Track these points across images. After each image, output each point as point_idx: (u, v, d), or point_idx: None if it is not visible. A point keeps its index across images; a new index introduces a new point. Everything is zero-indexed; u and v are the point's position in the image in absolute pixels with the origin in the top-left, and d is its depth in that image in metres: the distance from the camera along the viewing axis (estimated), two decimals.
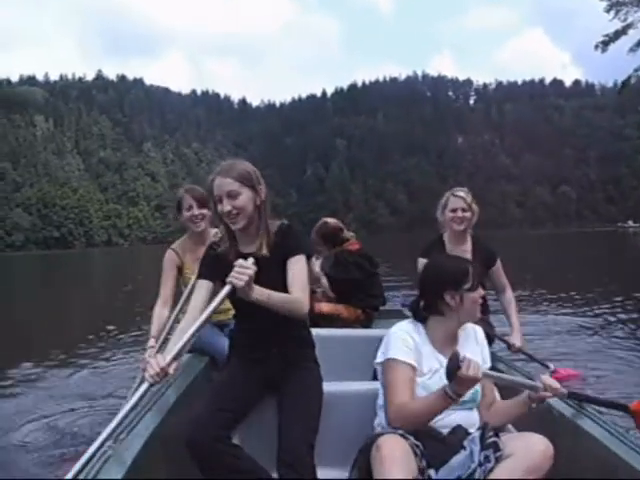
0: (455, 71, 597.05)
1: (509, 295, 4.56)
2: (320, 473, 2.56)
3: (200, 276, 2.85)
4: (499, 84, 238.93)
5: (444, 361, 2.50)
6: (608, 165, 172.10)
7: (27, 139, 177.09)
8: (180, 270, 4.27)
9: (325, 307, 5.27)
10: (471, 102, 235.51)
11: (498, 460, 2.29)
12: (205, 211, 4.16)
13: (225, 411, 2.64)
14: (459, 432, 2.51)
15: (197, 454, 2.48)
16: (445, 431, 2.52)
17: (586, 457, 2.53)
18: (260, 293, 2.52)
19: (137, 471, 2.21)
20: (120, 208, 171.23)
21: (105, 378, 6.88)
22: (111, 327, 10.34)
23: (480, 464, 2.30)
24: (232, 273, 2.44)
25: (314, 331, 3.04)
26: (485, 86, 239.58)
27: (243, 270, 2.41)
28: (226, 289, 2.47)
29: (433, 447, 2.39)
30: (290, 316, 2.65)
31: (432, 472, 2.32)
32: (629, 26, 31.41)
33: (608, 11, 31.61)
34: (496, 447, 2.32)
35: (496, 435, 2.39)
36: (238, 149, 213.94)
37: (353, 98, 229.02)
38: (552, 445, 2.29)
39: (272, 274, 2.67)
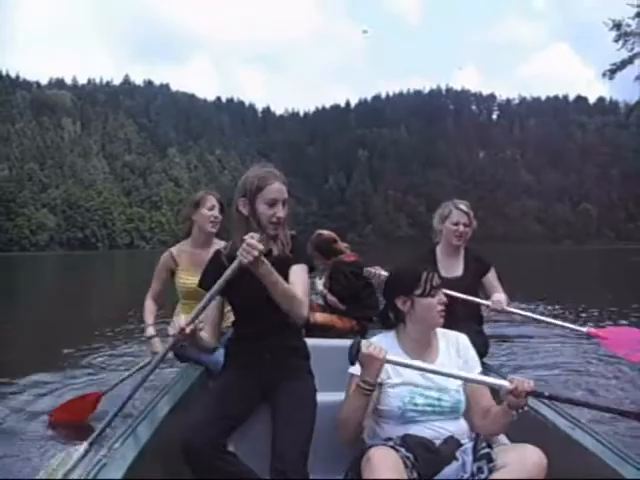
0: (479, 85, 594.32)
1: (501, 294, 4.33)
2: None
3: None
4: (522, 99, 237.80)
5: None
6: (630, 183, 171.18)
7: (54, 141, 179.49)
8: (173, 272, 4.44)
9: (319, 317, 5.36)
10: (494, 117, 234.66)
11: (491, 471, 2.28)
12: (221, 217, 4.38)
13: (220, 419, 2.68)
14: (451, 443, 2.50)
15: (193, 461, 2.52)
16: (437, 442, 2.50)
17: (579, 469, 2.53)
18: (270, 271, 2.60)
19: (132, 479, 2.21)
20: (143, 212, 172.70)
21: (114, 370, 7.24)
22: (131, 326, 10.43)
23: (473, 475, 2.30)
24: (240, 250, 2.52)
25: (309, 341, 3.11)
26: (508, 101, 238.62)
27: (251, 249, 2.48)
28: (234, 265, 2.57)
29: (425, 458, 2.37)
30: (290, 313, 2.70)
31: None
32: (635, 56, 32.42)
33: (617, 41, 32.64)
34: (489, 458, 2.32)
35: (489, 446, 2.40)
36: (261, 157, 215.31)
37: (376, 109, 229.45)
38: (545, 456, 2.27)
39: None
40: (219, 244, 4.09)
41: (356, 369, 2.59)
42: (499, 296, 4.17)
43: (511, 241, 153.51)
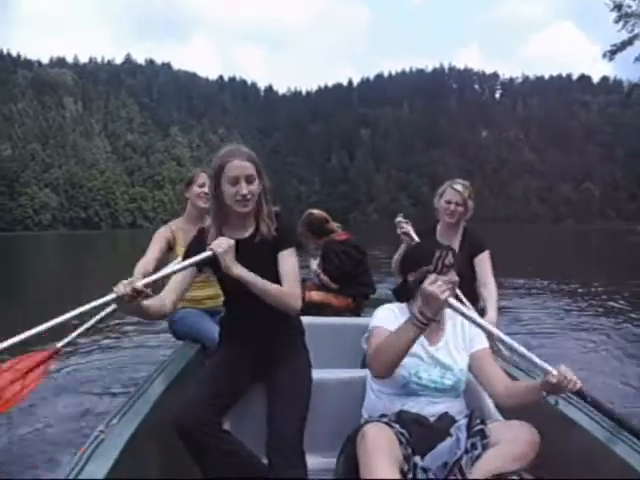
0: (482, 64, 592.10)
1: (491, 288, 4.28)
2: (309, 459, 2.60)
3: (185, 257, 2.85)
4: (526, 78, 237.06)
5: (425, 344, 2.64)
6: (634, 163, 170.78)
7: (56, 121, 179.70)
8: (171, 247, 4.37)
9: (315, 296, 5.34)
10: (497, 96, 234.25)
11: (485, 447, 2.31)
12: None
13: (216, 397, 2.66)
14: (446, 419, 2.53)
15: (187, 439, 2.50)
16: (432, 419, 2.54)
17: (572, 445, 2.56)
18: (245, 272, 2.61)
19: (128, 456, 2.22)
20: (145, 191, 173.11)
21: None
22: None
23: (467, 451, 2.31)
24: (214, 241, 2.60)
25: (304, 319, 3.08)
26: (512, 80, 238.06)
27: (224, 240, 2.58)
28: (205, 253, 2.58)
29: (419, 434, 2.40)
30: (282, 309, 2.69)
31: (418, 459, 2.33)
32: (635, 37, 32.47)
33: (617, 22, 32.69)
34: (483, 434, 2.34)
35: (483, 423, 2.41)
36: (263, 136, 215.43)
37: (379, 88, 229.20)
38: (538, 433, 2.30)
39: (259, 261, 2.72)
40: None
41: (375, 322, 2.67)
42: (490, 317, 3.94)
43: (514, 221, 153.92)
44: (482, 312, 4.04)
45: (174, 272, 2.67)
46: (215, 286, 3.90)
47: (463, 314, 2.42)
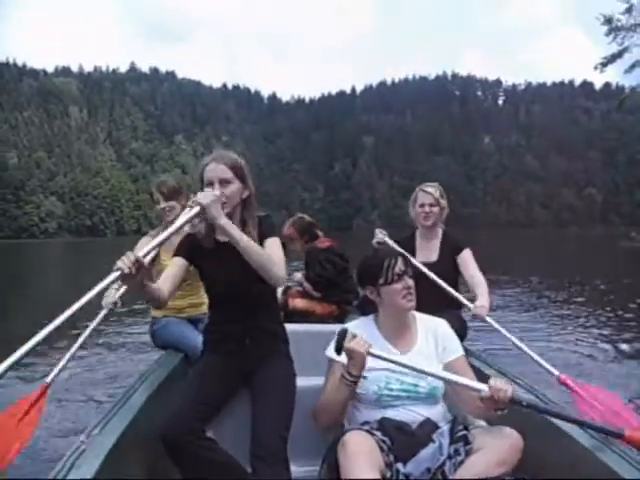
0: (485, 71, 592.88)
1: (479, 276, 4.22)
2: (293, 467, 2.61)
3: (177, 254, 2.89)
4: (528, 85, 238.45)
5: (396, 353, 2.66)
6: (636, 169, 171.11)
7: (62, 129, 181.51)
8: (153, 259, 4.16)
9: (299, 303, 5.31)
10: (500, 102, 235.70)
11: (468, 453, 2.31)
12: (173, 203, 4.27)
13: (200, 405, 2.66)
14: (428, 426, 2.52)
15: (172, 448, 2.50)
16: (414, 425, 2.53)
17: (556, 450, 2.58)
18: (230, 224, 2.59)
19: (111, 466, 2.21)
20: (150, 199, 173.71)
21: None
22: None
23: (450, 457, 2.32)
24: (199, 193, 2.56)
25: (288, 327, 3.11)
26: (514, 87, 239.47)
27: (208, 192, 2.55)
28: (195, 209, 2.53)
29: (401, 441, 2.40)
30: (265, 276, 2.64)
31: (400, 466, 2.33)
32: (625, 50, 33.10)
33: (608, 35, 33.35)
34: (466, 440, 2.34)
35: (465, 429, 2.42)
36: (267, 143, 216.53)
37: (382, 96, 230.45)
38: (522, 438, 2.31)
39: (246, 262, 2.66)
40: None
41: (334, 354, 2.61)
42: (482, 302, 3.94)
43: (516, 226, 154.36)
44: (472, 301, 4.02)
45: (170, 235, 2.55)
46: (196, 294, 4.35)
47: (390, 361, 2.46)
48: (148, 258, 2.61)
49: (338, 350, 2.42)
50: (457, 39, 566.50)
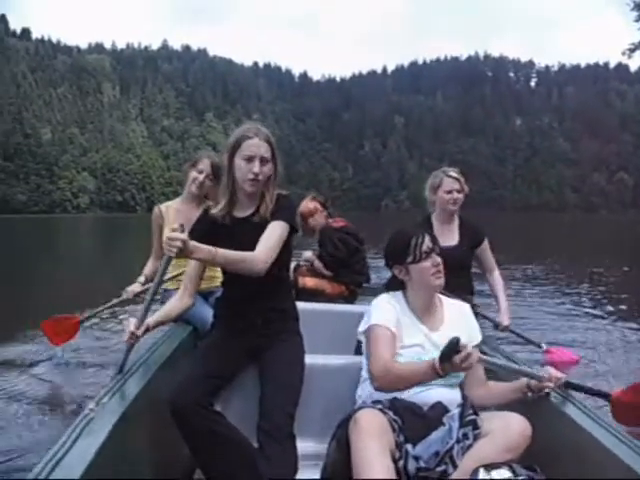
0: (518, 52, 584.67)
1: (496, 275, 4.43)
2: (300, 445, 2.60)
3: (190, 236, 2.72)
4: (562, 67, 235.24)
5: (426, 331, 2.64)
6: None
7: (94, 106, 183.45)
8: (161, 230, 4.29)
9: (309, 282, 5.32)
10: (532, 84, 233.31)
11: (476, 438, 2.31)
12: (208, 182, 4.26)
13: (208, 378, 2.67)
14: (439, 408, 2.52)
15: (179, 419, 2.51)
16: (425, 407, 2.52)
17: (563, 437, 2.56)
18: (203, 253, 2.52)
19: (118, 434, 2.22)
20: (181, 175, 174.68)
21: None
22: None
23: (458, 441, 2.31)
24: (164, 245, 2.45)
25: (298, 304, 3.10)
26: (547, 68, 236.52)
27: (171, 242, 2.40)
28: (164, 259, 2.52)
29: (412, 422, 2.39)
30: (246, 274, 2.64)
31: (409, 447, 2.32)
32: None
33: (637, 21, 33.26)
34: (475, 425, 2.34)
35: (475, 413, 2.41)
36: (297, 122, 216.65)
37: (413, 76, 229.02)
38: (530, 425, 2.31)
39: (252, 240, 2.69)
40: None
41: (374, 319, 2.63)
42: (504, 318, 4.25)
43: (546, 210, 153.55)
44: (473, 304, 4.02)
45: (152, 298, 2.66)
46: (208, 268, 4.25)
47: (495, 364, 2.52)
48: (142, 328, 2.68)
49: (444, 358, 2.31)
50: (490, 20, 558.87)
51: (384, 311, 2.66)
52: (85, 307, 6.33)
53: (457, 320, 2.76)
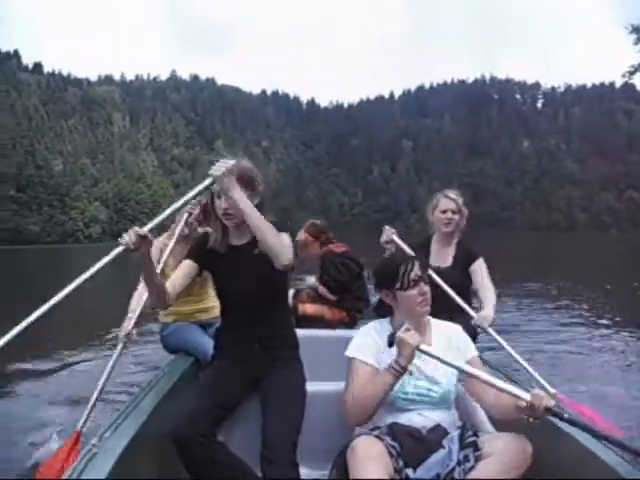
0: (524, 74, 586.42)
1: (490, 288, 4.23)
2: (302, 472, 2.60)
3: (188, 256, 2.92)
4: (568, 87, 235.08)
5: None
6: None
7: (105, 136, 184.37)
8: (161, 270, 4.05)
9: (309, 308, 5.30)
10: (538, 105, 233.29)
11: (477, 459, 2.28)
12: (197, 224, 4.46)
13: (210, 409, 2.66)
14: (438, 431, 2.50)
15: (182, 450, 2.49)
16: (424, 430, 2.51)
17: (565, 457, 2.54)
18: (244, 198, 2.56)
19: (122, 469, 2.20)
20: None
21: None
22: None
23: (459, 463, 2.30)
24: (212, 167, 2.55)
25: (298, 332, 3.12)
26: (553, 89, 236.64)
27: (222, 163, 2.51)
28: (207, 181, 2.57)
29: (411, 446, 2.38)
30: (273, 256, 2.61)
31: (410, 471, 2.31)
32: None
33: (636, 44, 33.41)
34: (475, 446, 2.32)
35: (475, 435, 2.41)
36: (306, 148, 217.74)
37: (420, 100, 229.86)
38: (531, 445, 2.28)
39: (258, 266, 2.74)
40: None
41: (352, 352, 2.70)
42: (486, 312, 3.99)
43: (555, 230, 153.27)
44: (477, 310, 4.09)
45: (178, 208, 2.73)
46: (206, 299, 4.44)
47: (437, 358, 2.43)
48: (146, 229, 2.56)
49: (391, 343, 2.40)
50: (495, 42, 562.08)
51: (364, 345, 2.69)
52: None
53: (445, 341, 2.76)
